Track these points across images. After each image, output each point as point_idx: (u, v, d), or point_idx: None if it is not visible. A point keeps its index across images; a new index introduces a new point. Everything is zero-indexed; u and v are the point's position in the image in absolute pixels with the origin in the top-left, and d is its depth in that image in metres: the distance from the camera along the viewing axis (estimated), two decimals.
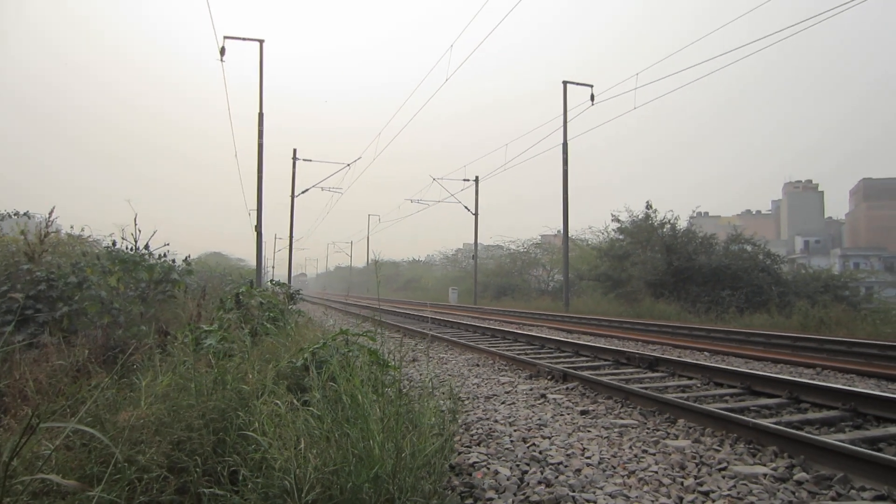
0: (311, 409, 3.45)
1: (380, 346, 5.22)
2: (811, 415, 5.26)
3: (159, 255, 10.01)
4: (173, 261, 10.28)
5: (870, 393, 5.38)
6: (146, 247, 10.08)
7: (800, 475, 3.58)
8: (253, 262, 33.50)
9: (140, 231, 10.28)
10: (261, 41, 23.14)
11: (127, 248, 9.77)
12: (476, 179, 37.44)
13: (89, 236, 13.00)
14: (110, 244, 10.11)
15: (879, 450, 4.06)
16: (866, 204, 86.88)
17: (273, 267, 68.64)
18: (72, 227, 13.31)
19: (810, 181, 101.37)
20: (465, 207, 37.65)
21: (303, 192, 32.00)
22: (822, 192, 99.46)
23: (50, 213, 8.37)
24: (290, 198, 31.40)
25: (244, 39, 22.91)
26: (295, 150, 32.11)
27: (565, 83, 25.92)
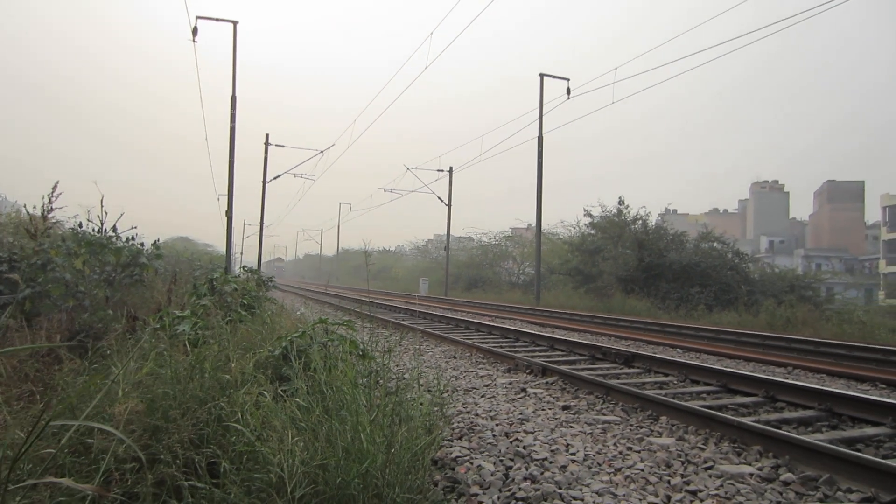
0: (297, 400, 3.33)
1: (369, 338, 5.11)
2: (788, 414, 5.31)
3: (127, 239, 9.71)
4: (142, 244, 9.99)
5: (845, 393, 5.45)
6: (114, 229, 9.79)
7: (786, 475, 3.59)
8: (220, 248, 32.90)
9: (107, 213, 9.96)
10: (234, 22, 22.61)
11: (93, 230, 9.46)
12: (450, 170, 37.32)
13: (52, 217, 12.58)
14: (76, 226, 9.78)
15: (858, 451, 4.10)
16: (829, 206, 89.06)
17: (241, 253, 67.56)
18: (34, 206, 12.87)
19: (776, 182, 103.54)
20: (439, 198, 37.54)
21: (274, 179, 31.48)
22: (788, 193, 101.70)
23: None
24: (261, 183, 30.88)
25: (217, 20, 22.36)
26: (267, 136, 31.56)
27: (542, 76, 25.89)
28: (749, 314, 18.43)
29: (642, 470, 3.73)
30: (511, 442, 4.32)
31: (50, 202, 7.97)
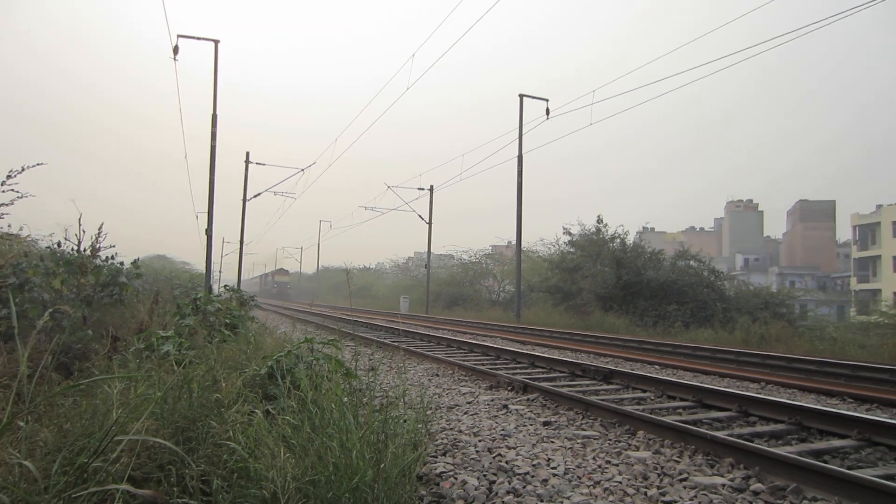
0: (287, 417, 3.44)
1: (352, 356, 5.21)
2: (760, 427, 5.49)
3: (106, 258, 9.72)
4: (121, 263, 9.99)
5: (814, 408, 5.66)
6: (93, 248, 9.78)
7: (756, 486, 3.75)
8: (198, 265, 32.70)
9: (84, 231, 9.97)
10: (216, 41, 22.71)
11: (71, 250, 9.46)
12: (431, 189, 37.59)
13: (28, 236, 12.51)
14: (54, 245, 9.76)
15: (825, 462, 4.28)
16: (802, 224, 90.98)
17: (221, 271, 66.93)
18: (10, 225, 12.76)
19: (751, 201, 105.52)
20: (420, 216, 37.74)
21: (255, 196, 31.50)
22: (762, 212, 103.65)
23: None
24: (241, 200, 30.86)
25: (199, 39, 22.45)
26: (248, 154, 31.64)
27: (521, 96, 26.34)
28: (725, 331, 18.78)
29: (620, 482, 3.87)
30: (494, 457, 4.43)
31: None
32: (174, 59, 21.17)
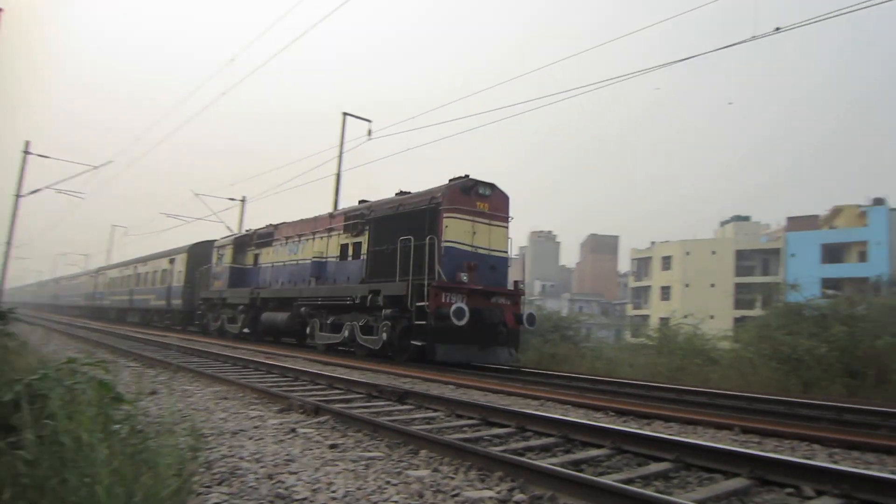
0: (21, 452, 3.03)
1: (116, 376, 4.75)
2: (533, 442, 5.93)
3: None
4: None
5: (578, 422, 6.27)
6: None
7: (518, 496, 4.03)
8: None
9: None
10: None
11: None
12: (243, 200, 36.06)
13: None
14: None
15: (581, 470, 4.73)
16: (592, 256, 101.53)
17: None
18: None
19: (550, 232, 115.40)
20: (228, 228, 35.90)
21: (31, 193, 27.87)
22: (559, 243, 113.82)
23: None
24: (14, 196, 27.08)
25: None
26: (27, 143, 27.97)
27: (345, 115, 26.64)
28: (519, 352, 20.09)
29: (397, 502, 3.94)
30: (273, 484, 4.29)
31: None
32: None
